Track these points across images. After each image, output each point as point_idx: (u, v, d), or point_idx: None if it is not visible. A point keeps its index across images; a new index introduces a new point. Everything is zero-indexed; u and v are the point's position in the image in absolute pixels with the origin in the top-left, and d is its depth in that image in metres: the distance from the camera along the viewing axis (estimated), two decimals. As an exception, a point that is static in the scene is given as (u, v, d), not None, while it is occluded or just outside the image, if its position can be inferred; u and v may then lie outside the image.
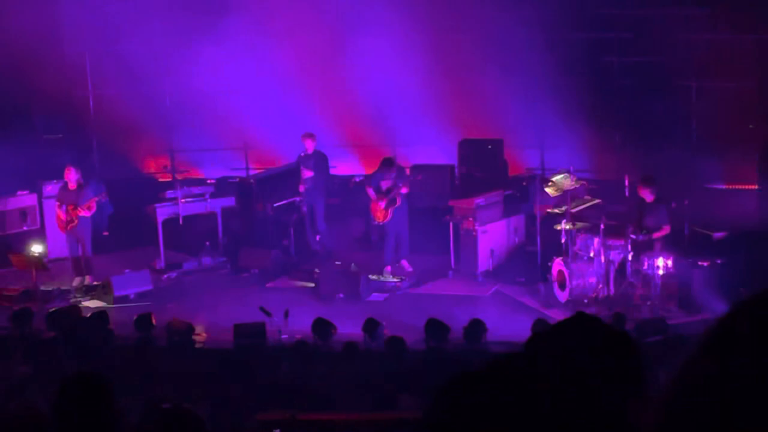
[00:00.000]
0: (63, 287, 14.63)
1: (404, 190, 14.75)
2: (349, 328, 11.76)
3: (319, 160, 15.94)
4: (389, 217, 14.83)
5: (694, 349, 1.21)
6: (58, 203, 14.92)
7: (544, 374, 1.65)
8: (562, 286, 13.11)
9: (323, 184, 16.06)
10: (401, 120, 18.24)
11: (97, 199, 14.85)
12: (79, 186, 14.78)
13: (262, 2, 18.31)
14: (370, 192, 14.99)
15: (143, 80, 18.06)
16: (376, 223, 15.24)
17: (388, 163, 14.95)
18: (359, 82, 18.26)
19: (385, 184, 14.83)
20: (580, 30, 16.64)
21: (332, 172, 16.87)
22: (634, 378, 1.73)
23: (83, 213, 14.65)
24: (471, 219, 14.52)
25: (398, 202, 14.80)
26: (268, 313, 12.03)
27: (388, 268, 14.94)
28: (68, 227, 14.70)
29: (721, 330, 1.20)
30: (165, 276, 15.33)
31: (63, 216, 14.70)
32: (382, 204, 14.83)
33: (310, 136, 16.04)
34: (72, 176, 14.71)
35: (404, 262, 15.06)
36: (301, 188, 15.97)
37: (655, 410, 1.24)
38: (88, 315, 12.57)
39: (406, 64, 17.96)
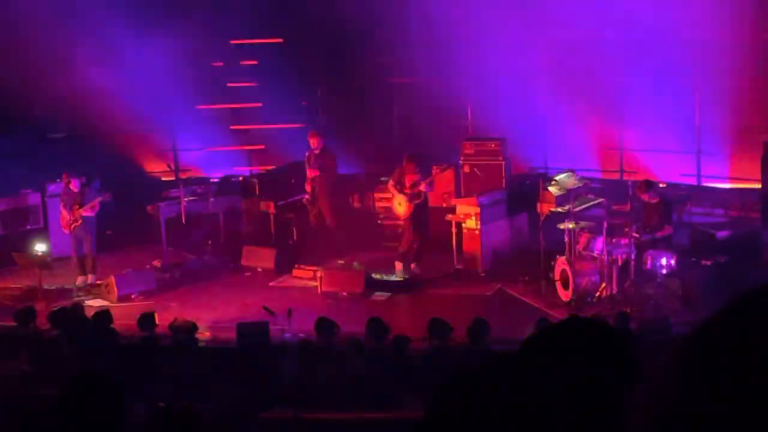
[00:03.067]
0: (66, 286, 14.65)
1: (424, 187, 14.70)
2: (352, 327, 11.75)
3: (326, 159, 15.92)
4: (411, 211, 14.75)
5: (670, 358, 1.21)
6: (62, 203, 14.98)
7: (538, 376, 1.65)
8: (566, 286, 13.10)
9: (330, 182, 16.03)
10: (405, 119, 18.25)
11: (100, 198, 14.91)
12: (82, 186, 14.86)
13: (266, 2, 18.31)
14: (391, 186, 14.94)
15: (146, 79, 18.04)
16: (397, 218, 15.18)
17: (410, 160, 14.89)
18: (362, 83, 18.26)
19: (409, 179, 14.78)
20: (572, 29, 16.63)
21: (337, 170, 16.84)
22: (628, 378, 1.73)
23: (87, 213, 14.72)
24: (474, 218, 14.51)
25: (422, 198, 14.76)
26: (271, 312, 12.04)
27: (399, 265, 14.87)
28: (72, 226, 14.76)
29: (693, 343, 1.19)
30: (168, 275, 15.33)
31: (67, 216, 14.76)
32: (406, 197, 14.77)
33: (317, 134, 16.03)
34: (73, 181, 14.79)
35: (413, 265, 14.97)
36: (308, 187, 15.96)
37: (640, 411, 1.24)
38: (91, 314, 12.57)
39: (408, 64, 17.96)
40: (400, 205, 14.88)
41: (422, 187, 14.67)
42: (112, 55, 17.87)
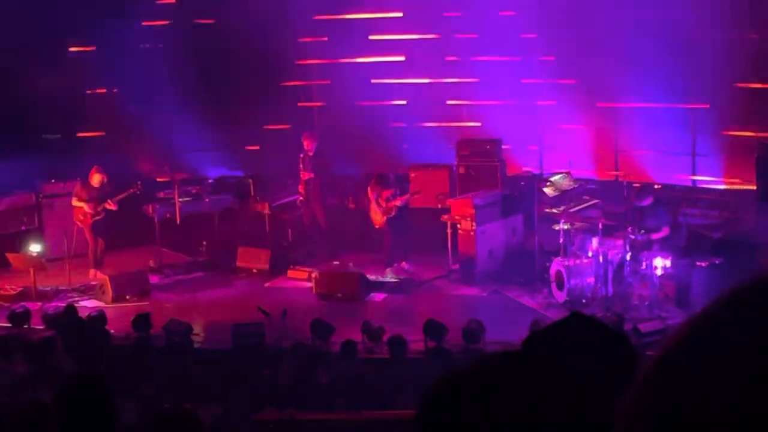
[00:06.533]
0: (60, 287, 14.63)
1: (398, 202, 14.81)
2: (347, 329, 11.75)
3: (320, 161, 15.93)
4: (384, 223, 14.89)
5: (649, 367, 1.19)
6: (77, 198, 14.98)
7: (537, 374, 1.64)
8: (561, 287, 13.11)
9: (324, 184, 16.04)
10: (400, 120, 18.24)
11: (132, 191, 15.12)
12: (103, 185, 14.97)
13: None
14: (370, 193, 15.01)
15: (140, 79, 18.02)
16: (374, 226, 15.23)
17: (381, 180, 14.99)
18: (358, 82, 18.24)
19: (385, 192, 14.86)
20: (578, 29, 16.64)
21: (331, 172, 16.83)
22: (629, 378, 1.72)
23: (111, 207, 14.90)
24: (469, 219, 14.51)
25: (394, 213, 14.84)
26: (266, 314, 12.02)
27: (388, 269, 14.91)
28: (94, 219, 14.86)
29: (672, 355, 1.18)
30: (162, 275, 15.31)
31: (90, 209, 14.83)
32: (380, 209, 14.87)
33: (311, 136, 16.04)
34: (99, 177, 15.01)
35: (405, 264, 15.04)
36: (301, 189, 15.96)
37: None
38: (86, 315, 12.56)
39: (404, 63, 17.96)
40: (375, 215, 15.00)
41: (397, 203, 14.77)
42: (107, 53, 17.84)
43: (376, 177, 15.14)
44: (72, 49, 17.82)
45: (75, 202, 15.10)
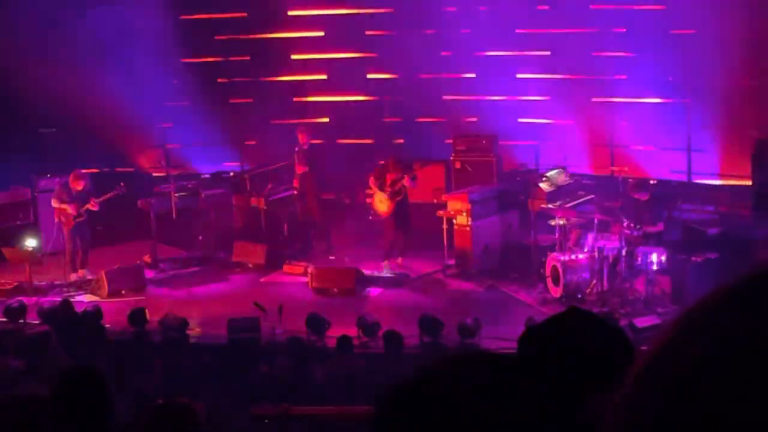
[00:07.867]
0: (56, 282, 14.62)
1: (407, 182, 14.73)
2: (343, 324, 11.75)
3: (314, 155, 15.92)
4: (393, 209, 14.79)
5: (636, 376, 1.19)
6: (59, 199, 14.81)
7: (535, 370, 1.64)
8: (556, 282, 13.12)
9: (318, 178, 16.04)
10: (396, 115, 18.24)
11: (114, 193, 14.89)
12: (84, 186, 14.81)
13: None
14: (373, 183, 14.96)
15: (136, 74, 18.01)
16: (378, 215, 15.20)
17: (395, 162, 14.94)
18: (354, 78, 18.24)
19: (390, 177, 14.81)
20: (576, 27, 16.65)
21: (326, 166, 16.81)
22: (626, 373, 1.71)
23: (93, 207, 14.73)
24: (465, 214, 14.51)
25: (403, 194, 14.80)
26: (262, 309, 12.02)
27: (386, 263, 14.90)
28: (76, 221, 14.72)
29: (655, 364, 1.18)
30: (159, 270, 15.31)
31: (73, 210, 14.69)
32: (386, 195, 14.80)
33: (305, 130, 16.03)
34: (80, 181, 14.79)
35: (401, 259, 15.03)
36: (296, 183, 15.95)
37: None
38: (82, 310, 12.55)
39: (400, 59, 17.95)
40: (382, 203, 14.92)
41: (405, 182, 14.68)
42: (104, 49, 17.82)
43: (392, 158, 15.03)
44: (67, 43, 17.76)
45: (55, 204, 14.94)
